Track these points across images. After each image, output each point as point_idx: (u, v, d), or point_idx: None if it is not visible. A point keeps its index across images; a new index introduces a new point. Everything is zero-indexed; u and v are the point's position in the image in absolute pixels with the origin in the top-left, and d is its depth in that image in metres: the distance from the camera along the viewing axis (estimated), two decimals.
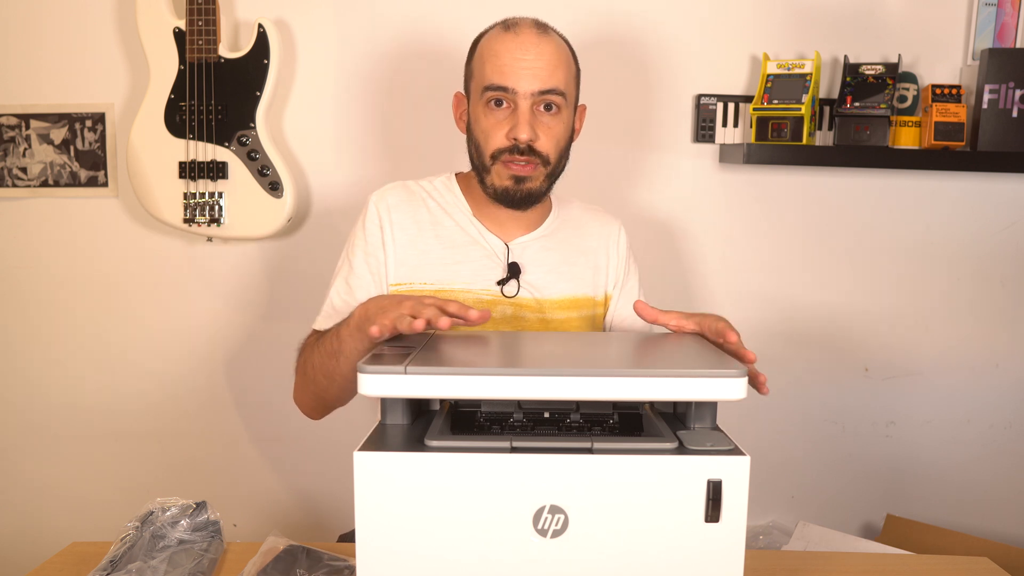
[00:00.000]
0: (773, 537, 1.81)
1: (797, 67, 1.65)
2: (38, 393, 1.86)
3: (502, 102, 1.13)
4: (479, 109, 1.15)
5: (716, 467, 0.70)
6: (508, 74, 1.11)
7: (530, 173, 1.15)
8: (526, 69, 1.11)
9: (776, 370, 1.83)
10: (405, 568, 0.71)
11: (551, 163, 1.16)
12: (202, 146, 1.66)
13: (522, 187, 1.15)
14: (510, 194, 1.16)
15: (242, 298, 1.82)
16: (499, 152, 1.14)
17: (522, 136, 1.11)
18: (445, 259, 1.19)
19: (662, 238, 1.81)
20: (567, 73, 1.16)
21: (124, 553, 0.95)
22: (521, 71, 1.11)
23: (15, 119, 1.77)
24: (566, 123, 1.17)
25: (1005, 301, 1.83)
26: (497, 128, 1.14)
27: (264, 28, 1.63)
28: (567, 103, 1.16)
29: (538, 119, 1.13)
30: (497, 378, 0.73)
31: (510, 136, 1.13)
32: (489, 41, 1.15)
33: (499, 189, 1.16)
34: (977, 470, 1.88)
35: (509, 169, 1.14)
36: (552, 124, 1.15)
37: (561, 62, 1.14)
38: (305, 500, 1.89)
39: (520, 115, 1.12)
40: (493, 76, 1.12)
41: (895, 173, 1.79)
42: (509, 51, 1.12)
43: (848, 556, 1.09)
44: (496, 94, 1.13)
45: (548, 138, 1.14)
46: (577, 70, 1.20)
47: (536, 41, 1.12)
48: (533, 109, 1.13)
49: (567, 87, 1.15)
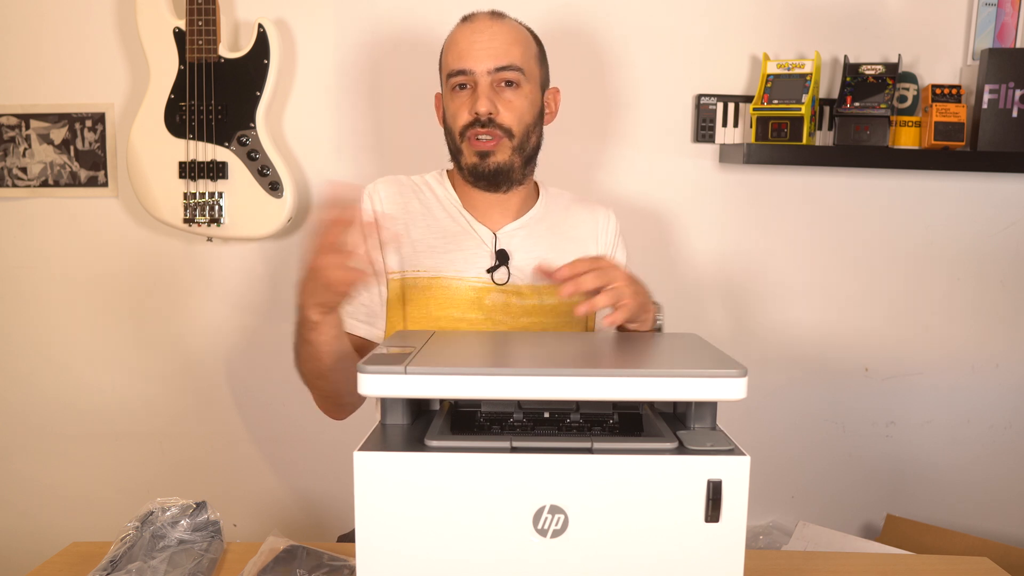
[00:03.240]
0: (773, 537, 1.81)
1: (797, 67, 1.65)
2: (38, 393, 1.86)
3: (465, 85, 1.19)
4: (447, 97, 1.22)
5: (716, 467, 0.70)
6: (465, 56, 1.17)
7: (493, 147, 1.19)
8: (481, 49, 1.17)
9: (776, 370, 1.84)
10: (405, 568, 0.71)
11: (515, 136, 1.20)
12: (202, 146, 1.66)
13: (488, 161, 1.19)
14: (479, 170, 1.20)
15: (242, 298, 1.82)
16: (464, 129, 1.19)
17: (481, 109, 1.16)
18: (436, 248, 1.22)
19: (662, 238, 1.81)
20: (524, 50, 1.20)
21: (124, 553, 0.95)
22: (476, 51, 1.17)
23: (15, 119, 1.77)
24: (530, 99, 1.21)
25: (1005, 301, 1.83)
26: (462, 108, 1.19)
27: (264, 28, 1.63)
28: (527, 79, 1.20)
29: (499, 95, 1.18)
30: (497, 378, 0.73)
31: (471, 111, 1.17)
32: (451, 34, 1.22)
33: (469, 166, 1.21)
34: (977, 470, 1.88)
35: (474, 145, 1.19)
36: (513, 98, 1.19)
37: (517, 40, 1.19)
38: (305, 500, 1.89)
39: (480, 91, 1.17)
40: (452, 62, 1.19)
41: (895, 173, 1.79)
42: (465, 36, 1.19)
43: (848, 556, 1.09)
44: (458, 79, 1.18)
45: (509, 111, 1.19)
46: (539, 51, 1.25)
47: (489, 24, 1.19)
48: (493, 86, 1.18)
49: (525, 63, 1.19)
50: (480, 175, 1.20)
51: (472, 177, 1.21)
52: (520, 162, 1.22)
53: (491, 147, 1.18)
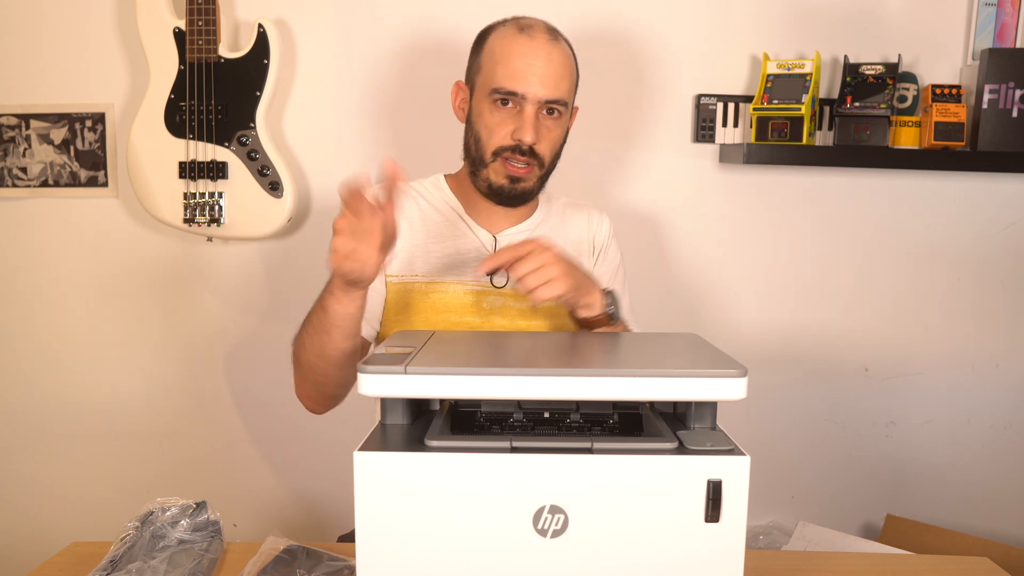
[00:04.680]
0: (773, 537, 1.81)
1: (797, 67, 1.65)
2: (38, 393, 1.86)
3: (508, 102, 1.16)
4: (484, 105, 1.17)
5: (716, 467, 0.70)
6: (519, 79, 1.14)
7: (526, 174, 1.18)
8: (536, 76, 1.14)
9: (776, 370, 1.84)
10: (405, 568, 0.71)
11: (545, 165, 1.20)
12: (202, 146, 1.66)
13: (517, 187, 1.19)
14: (504, 192, 1.19)
15: (242, 298, 1.82)
16: (501, 150, 1.17)
17: (527, 139, 1.14)
18: (435, 252, 1.22)
19: (662, 238, 1.81)
20: (571, 82, 1.20)
21: (124, 553, 0.95)
22: (532, 77, 1.13)
23: (15, 119, 1.77)
24: (564, 128, 1.22)
25: (1005, 301, 1.83)
26: (501, 126, 1.16)
27: (264, 28, 1.63)
28: (567, 110, 1.20)
29: (541, 123, 1.17)
30: (497, 378, 0.73)
31: (515, 136, 1.15)
32: (501, 40, 1.17)
33: (495, 186, 1.19)
34: (977, 470, 1.88)
35: (507, 168, 1.17)
36: (552, 128, 1.18)
37: (567, 71, 1.18)
38: (305, 500, 1.89)
39: (527, 118, 1.15)
40: (504, 80, 1.14)
41: (895, 173, 1.79)
42: (522, 55, 1.14)
43: (848, 556, 1.09)
44: (507, 97, 1.15)
45: (547, 142, 1.18)
46: (578, 76, 1.24)
47: (548, 48, 1.15)
48: (537, 113, 1.16)
49: (569, 96, 1.20)
50: (504, 196, 1.20)
51: (493, 195, 1.20)
52: (540, 187, 1.23)
53: (524, 174, 1.18)
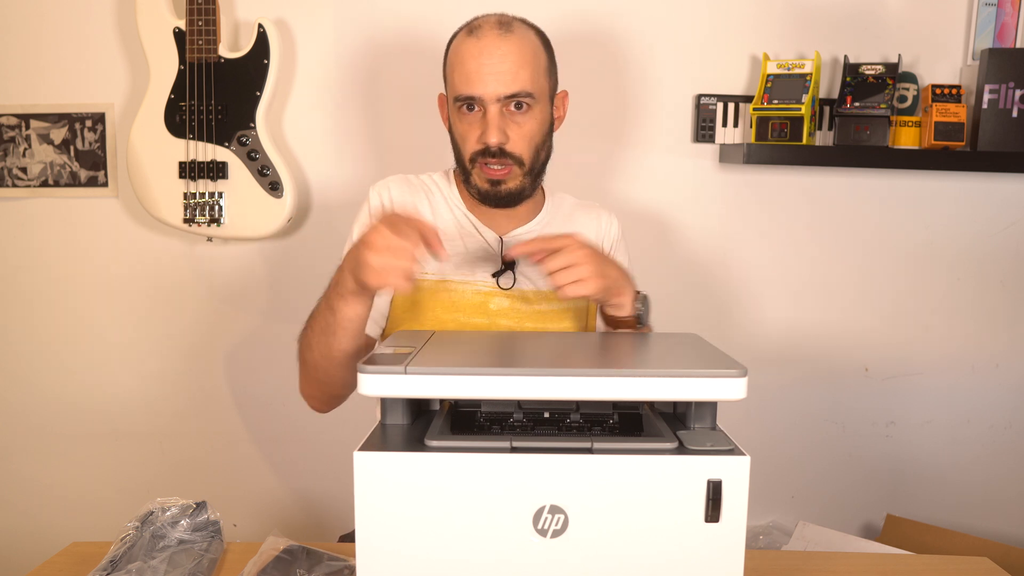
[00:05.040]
0: (773, 537, 1.81)
1: (797, 67, 1.65)
2: (38, 393, 1.86)
3: (473, 106, 1.14)
4: (454, 114, 1.17)
5: (716, 467, 0.70)
6: (474, 82, 1.11)
7: (504, 176, 1.16)
8: (490, 75, 1.11)
9: (776, 370, 1.84)
10: (405, 568, 0.71)
11: (526, 163, 1.16)
12: (202, 146, 1.66)
13: (499, 188, 1.17)
14: (490, 196, 1.18)
15: (242, 298, 1.82)
16: (475, 156, 1.16)
17: (491, 140, 1.12)
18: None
19: (662, 238, 1.81)
20: (534, 69, 1.14)
21: (124, 553, 0.95)
22: (485, 77, 1.11)
23: (15, 119, 1.77)
24: (539, 119, 1.17)
25: (1005, 301, 1.83)
26: (470, 132, 1.15)
27: (264, 28, 1.63)
28: (538, 99, 1.15)
29: (509, 120, 1.14)
30: (497, 378, 0.73)
31: (481, 140, 1.14)
32: (455, 47, 1.16)
33: (481, 191, 1.18)
34: (977, 470, 1.88)
35: (485, 172, 1.16)
36: (523, 122, 1.14)
37: (526, 61, 1.13)
38: (305, 500, 1.89)
39: (489, 120, 1.12)
40: (460, 86, 1.13)
41: (895, 173, 1.79)
42: (473, 57, 1.12)
43: (848, 556, 1.09)
44: (465, 102, 1.14)
45: (519, 138, 1.14)
46: (549, 60, 1.19)
47: (497, 44, 1.11)
48: (503, 111, 1.13)
49: (535, 84, 1.14)
50: (491, 200, 1.19)
51: (483, 200, 1.20)
52: (531, 183, 1.20)
53: (503, 176, 1.16)
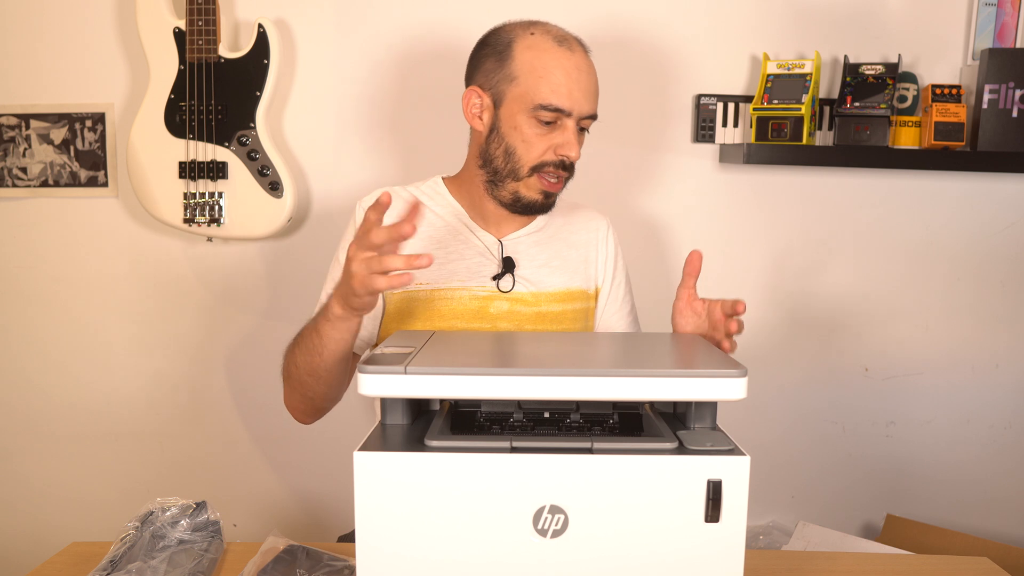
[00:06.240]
0: (773, 537, 1.81)
1: (797, 67, 1.65)
2: (38, 393, 1.86)
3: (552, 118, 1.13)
4: (522, 118, 1.13)
5: (716, 467, 0.70)
6: (567, 96, 1.11)
7: (559, 189, 1.18)
8: (583, 92, 1.13)
9: (776, 370, 1.84)
10: (405, 568, 0.71)
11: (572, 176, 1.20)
12: (202, 146, 1.66)
13: (549, 201, 1.19)
14: (536, 206, 1.19)
15: (242, 298, 1.82)
16: (542, 165, 1.15)
17: (572, 155, 1.14)
18: (438, 258, 1.20)
19: (662, 238, 1.81)
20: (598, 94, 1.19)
21: (124, 553, 0.95)
22: (578, 93, 1.12)
23: (15, 119, 1.77)
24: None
25: (1005, 301, 1.83)
26: (541, 141, 1.14)
27: (264, 28, 1.63)
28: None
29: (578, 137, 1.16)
30: (497, 378, 0.73)
31: (559, 152, 1.14)
32: (541, 53, 1.12)
33: (524, 200, 1.17)
34: (977, 470, 1.88)
35: (542, 183, 1.16)
36: (582, 140, 1.18)
37: (597, 84, 1.17)
38: (305, 500, 1.89)
39: (571, 134, 1.14)
40: (551, 96, 1.11)
41: (895, 173, 1.79)
42: (566, 71, 1.12)
43: (848, 556, 1.09)
44: (553, 115, 1.12)
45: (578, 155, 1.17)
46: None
47: (587, 61, 1.15)
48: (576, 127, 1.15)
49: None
50: (531, 208, 1.19)
51: (518, 209, 1.19)
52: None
53: (558, 189, 1.18)
